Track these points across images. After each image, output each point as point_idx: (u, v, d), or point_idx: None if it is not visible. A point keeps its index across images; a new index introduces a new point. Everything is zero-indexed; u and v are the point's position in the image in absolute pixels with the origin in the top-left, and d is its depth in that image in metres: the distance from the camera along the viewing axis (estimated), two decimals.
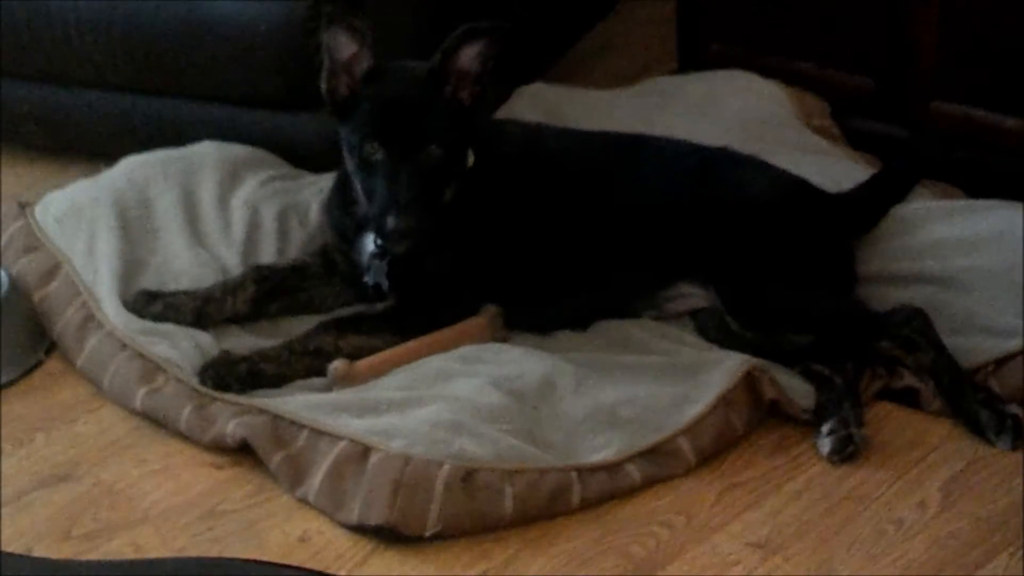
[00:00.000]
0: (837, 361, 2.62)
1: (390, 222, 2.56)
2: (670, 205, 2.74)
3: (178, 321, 2.71)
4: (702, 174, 2.78)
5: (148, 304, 2.73)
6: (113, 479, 2.52)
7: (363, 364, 2.63)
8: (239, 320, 2.77)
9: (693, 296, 2.75)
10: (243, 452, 2.52)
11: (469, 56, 2.60)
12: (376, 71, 2.62)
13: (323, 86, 2.65)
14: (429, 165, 2.59)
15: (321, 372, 2.63)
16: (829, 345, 2.64)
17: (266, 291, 2.78)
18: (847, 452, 2.51)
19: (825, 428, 2.53)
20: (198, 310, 2.73)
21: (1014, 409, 2.54)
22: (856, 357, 2.63)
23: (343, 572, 2.32)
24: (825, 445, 2.52)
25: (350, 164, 2.66)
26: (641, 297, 2.77)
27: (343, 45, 2.60)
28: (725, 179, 2.78)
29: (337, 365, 2.61)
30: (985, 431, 2.53)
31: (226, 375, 2.59)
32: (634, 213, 2.75)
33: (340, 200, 2.80)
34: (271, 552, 2.36)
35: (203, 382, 2.59)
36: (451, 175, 2.63)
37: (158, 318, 2.71)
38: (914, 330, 2.62)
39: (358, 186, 2.65)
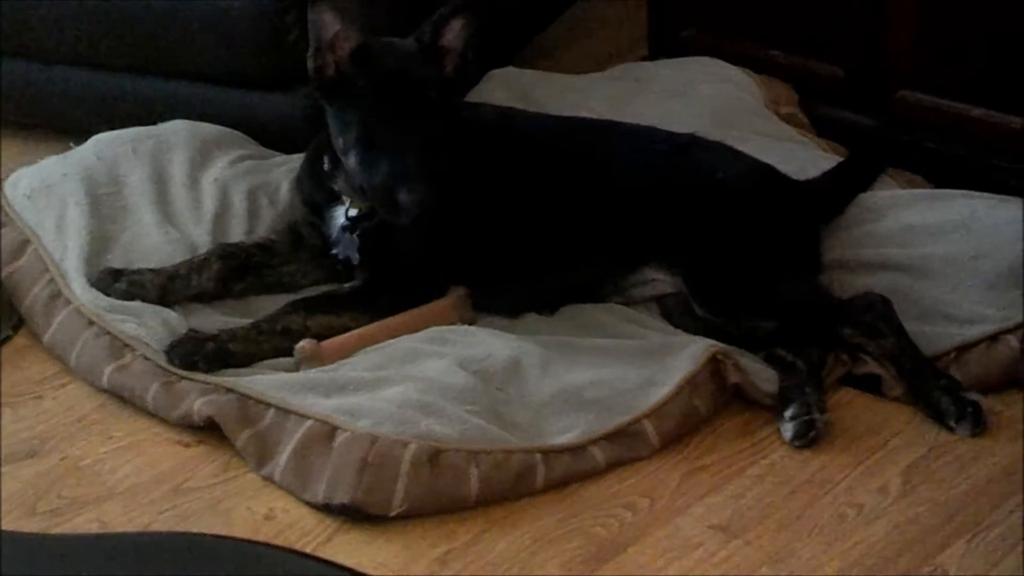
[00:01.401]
0: (800, 347, 2.64)
1: (402, 196, 2.56)
2: (638, 190, 2.76)
3: (143, 299, 2.70)
4: (671, 160, 2.80)
5: (113, 282, 2.72)
6: (80, 455, 2.52)
7: (330, 344, 2.64)
8: (205, 298, 2.77)
9: (659, 282, 2.77)
10: (210, 430, 2.53)
11: (453, 31, 2.64)
12: (364, 48, 2.62)
13: (309, 64, 2.65)
14: (430, 138, 2.60)
15: (289, 352, 2.63)
16: (792, 331, 2.66)
17: (231, 268, 2.78)
18: (809, 437, 2.53)
19: (788, 413, 2.55)
20: (162, 287, 2.73)
21: (974, 396, 2.57)
22: (819, 343, 2.65)
23: (308, 550, 2.33)
24: (788, 430, 2.54)
25: (343, 141, 2.64)
26: (609, 281, 2.79)
27: (328, 23, 2.60)
28: (693, 165, 2.79)
29: (304, 345, 2.61)
30: (945, 417, 2.55)
31: (193, 354, 2.59)
32: (603, 197, 2.77)
33: (312, 173, 2.81)
34: (237, 529, 2.36)
35: (170, 361, 2.59)
36: (446, 149, 2.63)
37: (123, 296, 2.70)
38: (876, 316, 2.65)
39: (354, 162, 2.62)
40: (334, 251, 2.77)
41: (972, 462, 2.50)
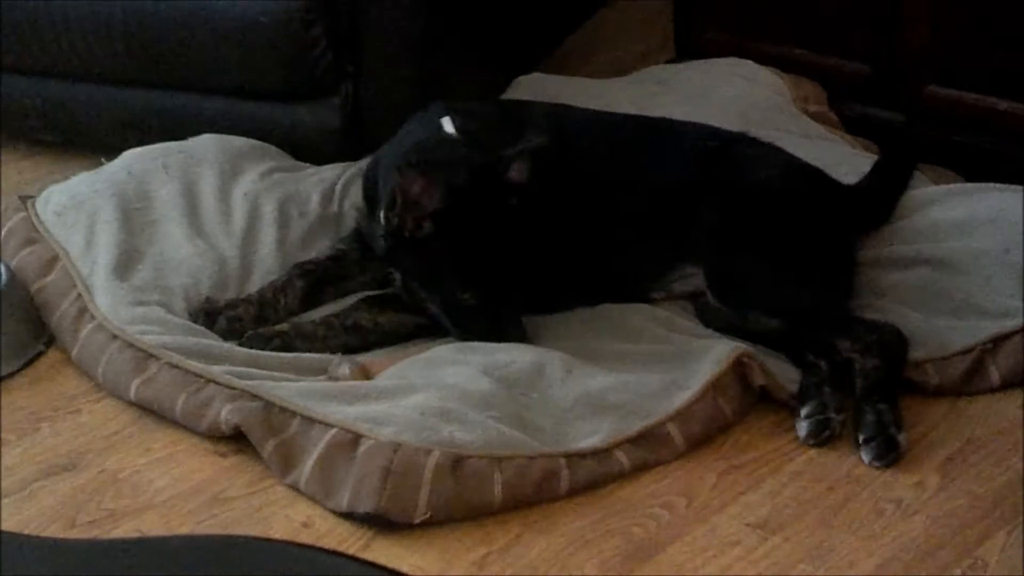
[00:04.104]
0: (801, 351, 2.62)
1: (507, 339, 2.64)
2: (683, 186, 2.76)
3: (243, 331, 2.71)
4: (717, 157, 2.80)
5: (211, 320, 2.72)
6: (117, 467, 2.53)
7: (374, 371, 2.63)
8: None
9: (696, 277, 2.76)
10: (246, 439, 2.53)
11: (516, 169, 2.64)
12: (445, 212, 2.60)
13: (387, 222, 2.65)
14: (512, 285, 2.66)
15: (357, 349, 2.67)
16: (793, 335, 2.64)
17: (313, 284, 2.80)
18: (823, 436, 2.51)
19: (803, 411, 2.53)
20: (257, 316, 2.75)
21: (903, 439, 2.49)
22: (814, 351, 2.62)
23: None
24: (802, 428, 2.53)
25: (429, 292, 2.68)
26: (650, 276, 2.78)
27: (414, 184, 2.58)
28: (738, 162, 2.79)
29: (347, 374, 2.61)
30: (860, 430, 2.49)
31: (259, 349, 2.63)
32: (648, 193, 2.77)
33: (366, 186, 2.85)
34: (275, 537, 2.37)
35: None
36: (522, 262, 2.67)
37: (224, 333, 2.71)
38: (878, 340, 2.59)
39: (446, 319, 2.69)
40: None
41: (1009, 455, 2.49)
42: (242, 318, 2.74)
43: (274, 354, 2.65)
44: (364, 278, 2.84)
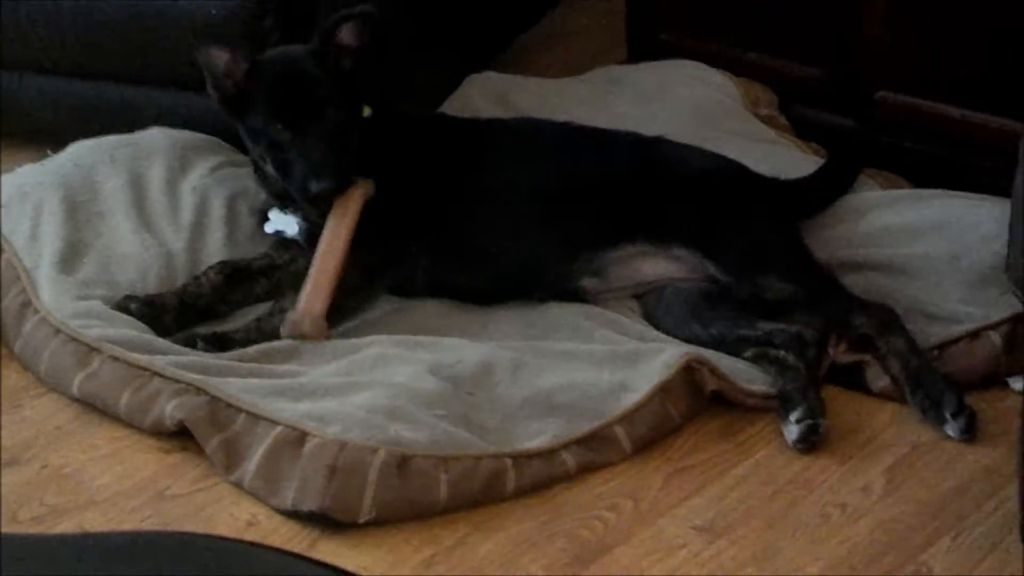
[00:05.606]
0: (799, 346, 2.62)
1: (313, 187, 2.69)
2: (605, 175, 2.82)
3: (163, 310, 2.72)
4: (639, 151, 2.86)
5: (130, 305, 2.72)
6: (61, 463, 2.51)
7: (314, 311, 2.64)
8: (221, 309, 2.77)
9: (643, 256, 2.77)
10: (191, 436, 2.51)
11: (348, 31, 2.77)
12: (257, 64, 2.76)
13: (211, 93, 2.78)
14: (329, 128, 2.72)
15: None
16: (807, 302, 2.66)
17: (235, 269, 2.80)
18: (811, 441, 2.51)
19: (794, 416, 2.52)
20: (179, 295, 2.75)
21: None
22: (831, 321, 2.64)
23: None
24: (793, 432, 2.51)
25: (257, 151, 2.79)
26: (579, 259, 2.78)
27: (217, 55, 2.75)
28: (665, 155, 2.86)
29: (296, 322, 2.63)
30: (943, 408, 2.52)
31: (191, 337, 2.66)
32: (567, 180, 2.82)
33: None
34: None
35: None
36: (351, 131, 2.76)
37: (142, 308, 2.71)
38: (890, 315, 2.64)
39: (270, 167, 2.77)
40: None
41: (955, 460, 2.50)
42: (163, 295, 2.74)
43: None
44: (295, 267, 2.82)
